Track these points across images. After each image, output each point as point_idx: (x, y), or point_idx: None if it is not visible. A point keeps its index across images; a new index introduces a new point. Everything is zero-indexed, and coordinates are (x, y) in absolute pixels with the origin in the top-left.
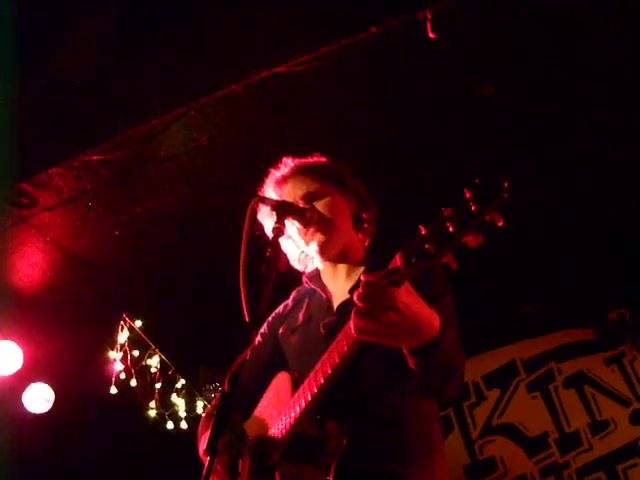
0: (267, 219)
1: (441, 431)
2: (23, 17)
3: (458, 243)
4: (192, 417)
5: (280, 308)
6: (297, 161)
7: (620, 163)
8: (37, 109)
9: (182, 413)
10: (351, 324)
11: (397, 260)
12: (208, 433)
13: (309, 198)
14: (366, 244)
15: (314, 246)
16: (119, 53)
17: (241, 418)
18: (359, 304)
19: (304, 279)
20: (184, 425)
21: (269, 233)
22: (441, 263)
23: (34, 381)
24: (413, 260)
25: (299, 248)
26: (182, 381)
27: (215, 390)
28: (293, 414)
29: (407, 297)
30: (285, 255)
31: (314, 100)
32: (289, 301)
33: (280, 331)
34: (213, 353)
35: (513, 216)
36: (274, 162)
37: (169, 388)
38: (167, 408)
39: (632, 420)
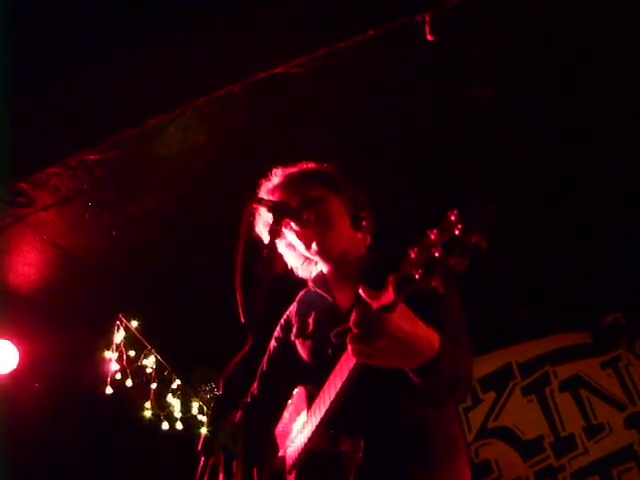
0: (265, 221)
1: (460, 425)
2: (19, 14)
3: (444, 268)
4: (187, 418)
5: (290, 310)
6: (287, 170)
7: (616, 168)
8: (34, 108)
9: (177, 414)
10: (349, 348)
11: (389, 287)
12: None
13: (304, 204)
14: (367, 242)
15: (314, 247)
16: (117, 53)
17: (235, 419)
18: (354, 330)
19: (309, 283)
20: (179, 426)
21: (266, 235)
22: (430, 287)
23: (29, 380)
24: (403, 287)
25: (301, 255)
26: (178, 382)
27: (211, 391)
28: (307, 431)
29: (401, 320)
30: (282, 256)
31: (312, 102)
32: (295, 304)
33: (291, 337)
34: (209, 354)
35: (508, 221)
36: (270, 163)
37: (165, 389)
38: (163, 409)
39: (627, 424)
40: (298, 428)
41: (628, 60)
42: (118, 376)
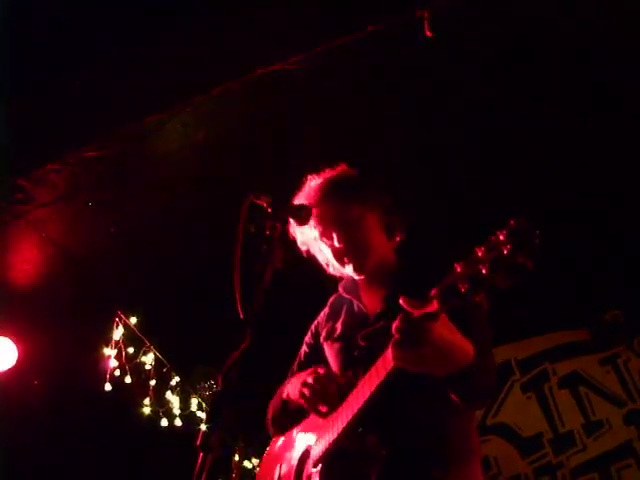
0: (306, 227)
1: (475, 425)
2: (19, 14)
3: (490, 285)
4: (186, 414)
5: (321, 316)
6: (321, 183)
7: (616, 166)
8: (33, 105)
9: (176, 410)
10: (389, 352)
11: (433, 298)
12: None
13: (340, 226)
14: (396, 245)
15: (349, 268)
16: (116, 51)
17: (233, 415)
18: (396, 336)
19: (340, 289)
20: (178, 422)
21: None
22: (474, 302)
23: (28, 378)
24: (448, 299)
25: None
26: (176, 378)
27: (210, 387)
28: (336, 428)
29: (442, 329)
30: (281, 252)
31: (310, 98)
32: (327, 309)
33: (321, 340)
34: (208, 350)
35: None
36: (269, 161)
37: (163, 385)
38: (161, 405)
39: (626, 420)
40: (328, 423)
41: (628, 59)
42: (117, 373)
